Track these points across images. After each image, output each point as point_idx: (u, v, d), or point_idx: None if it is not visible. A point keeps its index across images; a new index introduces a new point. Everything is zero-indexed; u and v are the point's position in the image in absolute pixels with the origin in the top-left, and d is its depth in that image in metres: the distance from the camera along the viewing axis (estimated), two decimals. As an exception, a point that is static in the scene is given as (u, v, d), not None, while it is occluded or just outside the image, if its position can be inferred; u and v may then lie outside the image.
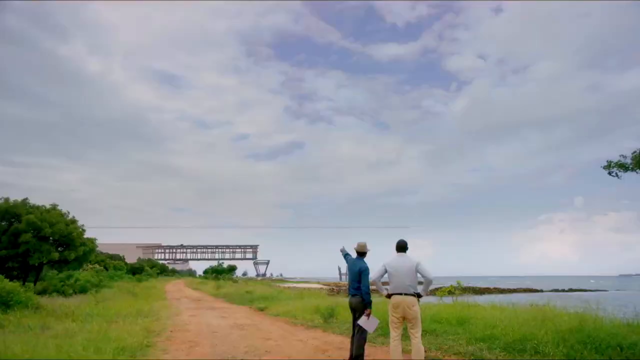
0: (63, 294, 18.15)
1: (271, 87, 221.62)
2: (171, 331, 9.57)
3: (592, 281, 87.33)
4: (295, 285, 51.08)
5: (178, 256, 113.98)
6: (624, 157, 6.64)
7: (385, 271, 5.40)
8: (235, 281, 48.22)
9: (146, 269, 62.42)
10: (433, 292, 17.59)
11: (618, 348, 5.41)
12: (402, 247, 5.48)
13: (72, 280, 21.33)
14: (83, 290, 19.94)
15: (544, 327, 6.48)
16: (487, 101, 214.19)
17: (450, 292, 13.93)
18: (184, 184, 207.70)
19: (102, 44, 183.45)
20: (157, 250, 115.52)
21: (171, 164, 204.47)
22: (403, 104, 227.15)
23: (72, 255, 20.65)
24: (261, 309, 15.46)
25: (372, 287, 5.80)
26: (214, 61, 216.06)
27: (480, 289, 49.40)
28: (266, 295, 20.16)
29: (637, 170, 6.49)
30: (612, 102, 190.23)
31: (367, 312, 5.53)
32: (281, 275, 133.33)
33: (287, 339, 8.44)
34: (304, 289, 36.00)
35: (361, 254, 5.94)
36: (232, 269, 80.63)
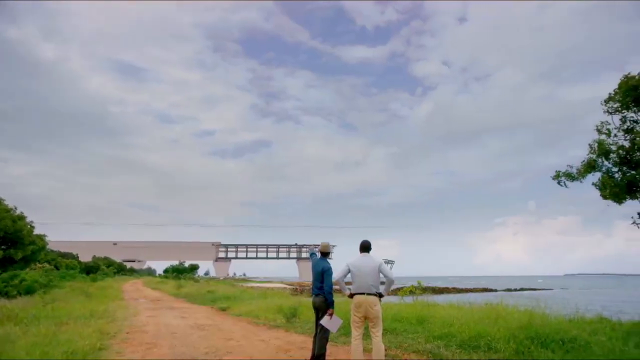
0: (6, 295, 16.93)
1: (238, 83, 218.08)
2: (127, 333, 9.19)
3: (539, 281, 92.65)
4: (258, 285, 50.58)
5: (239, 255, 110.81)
6: (571, 167, 7.14)
7: (349, 271, 5.47)
8: (197, 281, 47.08)
9: (102, 268, 59.58)
10: (395, 292, 18.03)
11: (560, 342, 5.78)
12: (365, 247, 5.56)
13: (16, 281, 19.89)
14: (30, 291, 18.63)
15: (497, 324, 6.80)
16: (450, 107, 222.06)
17: (411, 292, 14.32)
18: (147, 180, 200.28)
19: (58, 29, 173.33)
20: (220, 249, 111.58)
21: (133, 159, 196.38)
22: (370, 106, 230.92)
23: (19, 255, 19.32)
24: (223, 309, 15.19)
25: (335, 287, 5.86)
26: (180, 55, 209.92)
27: (439, 288, 51.16)
28: (228, 295, 19.83)
29: (582, 180, 6.98)
30: (564, 112, 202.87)
31: (329, 311, 5.58)
32: (244, 275, 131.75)
33: (249, 339, 8.35)
34: (268, 288, 35.74)
35: (325, 254, 5.98)
36: (193, 268, 78.53)
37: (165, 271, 74.45)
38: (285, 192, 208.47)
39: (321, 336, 5.73)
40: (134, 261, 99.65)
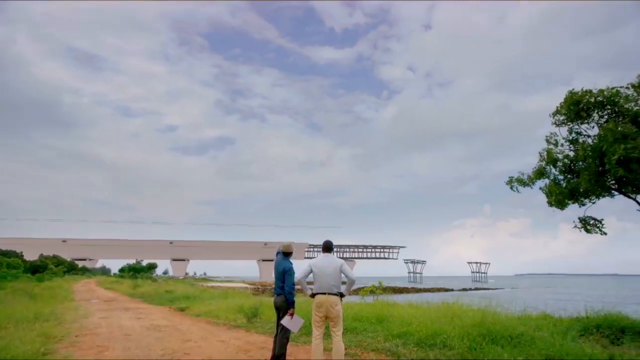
0: None
1: (203, 79, 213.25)
2: (77, 336, 8.71)
3: (491, 280, 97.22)
4: (219, 284, 49.53)
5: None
6: (522, 174, 7.58)
7: (311, 271, 5.50)
8: (154, 280, 45.44)
9: (50, 268, 55.98)
10: (356, 292, 18.26)
11: (509, 338, 6.12)
12: (328, 247, 5.61)
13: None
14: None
15: (452, 323, 7.07)
16: (414, 111, 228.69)
17: (372, 292, 14.59)
18: (102, 175, 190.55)
19: (1, 7, 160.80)
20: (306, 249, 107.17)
21: (88, 153, 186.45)
22: (336, 107, 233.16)
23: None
24: (182, 309, 14.76)
25: (297, 287, 5.86)
26: (142, 46, 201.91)
27: (399, 288, 52.45)
28: (188, 295, 19.30)
29: (532, 186, 7.44)
30: (518, 121, 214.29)
31: (290, 311, 5.57)
32: (205, 274, 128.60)
33: (208, 340, 8.17)
34: (229, 288, 35.12)
35: (287, 254, 5.97)
36: (151, 267, 75.67)
37: (121, 270, 71.24)
38: (249, 190, 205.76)
39: (282, 336, 5.71)
40: (85, 260, 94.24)
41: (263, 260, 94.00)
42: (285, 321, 5.57)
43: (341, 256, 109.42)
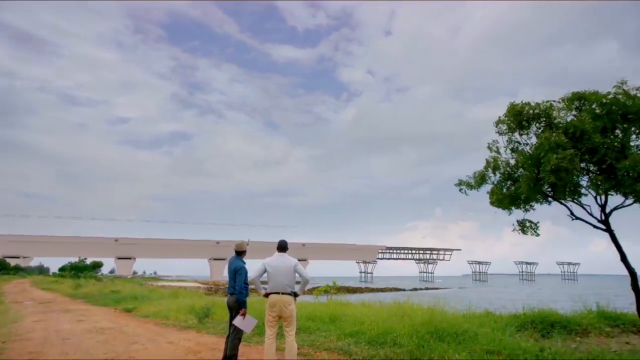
0: None
1: (159, 70, 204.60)
2: (4, 342, 7.96)
3: (439, 280, 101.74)
4: (170, 284, 47.70)
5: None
6: (470, 177, 8.01)
7: (265, 270, 5.46)
8: (99, 279, 42.91)
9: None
10: (310, 292, 18.37)
11: (455, 335, 6.43)
12: (282, 247, 5.60)
13: None
14: None
15: (403, 321, 7.31)
16: (372, 114, 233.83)
17: (326, 292, 14.74)
18: (42, 167, 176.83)
19: None
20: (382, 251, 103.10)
21: (26, 142, 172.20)
22: (295, 107, 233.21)
23: None
24: (128, 310, 14.07)
25: (251, 286, 5.80)
26: (92, 31, 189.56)
27: (353, 288, 53.33)
28: (135, 295, 18.42)
29: (478, 189, 7.90)
30: (469, 129, 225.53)
31: (241, 311, 5.50)
32: (155, 273, 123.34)
33: (156, 342, 7.85)
34: (180, 287, 33.96)
35: (239, 252, 5.89)
36: (96, 265, 71.38)
37: (62, 269, 66.61)
38: (203, 187, 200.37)
39: (233, 337, 5.63)
40: (19, 257, 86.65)
41: (214, 259, 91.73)
42: (237, 321, 5.49)
43: (397, 258, 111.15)
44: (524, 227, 7.56)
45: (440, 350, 5.89)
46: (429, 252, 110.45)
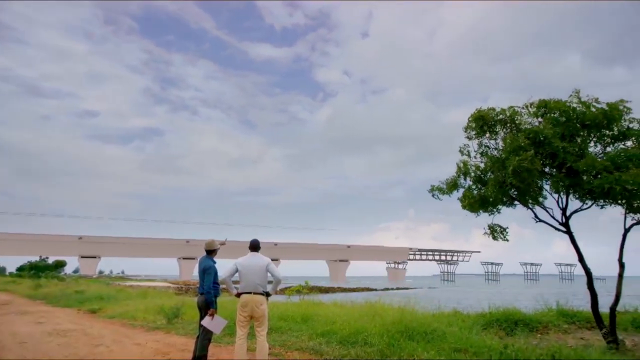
0: None
1: (131, 64, 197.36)
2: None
3: (409, 280, 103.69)
4: (138, 283, 46.31)
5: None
6: (442, 182, 8.22)
7: (236, 270, 5.40)
8: (62, 279, 41.10)
9: None
10: (282, 292, 18.31)
11: (424, 334, 6.59)
12: (254, 246, 5.55)
13: None
14: None
15: (374, 321, 7.41)
16: (348, 115, 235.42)
17: (298, 291, 14.74)
18: (1, 160, 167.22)
19: None
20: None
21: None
22: (271, 106, 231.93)
23: None
24: (93, 311, 13.56)
25: (222, 286, 5.72)
26: (59, 19, 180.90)
27: (325, 288, 53.50)
28: (101, 295, 17.76)
29: (450, 194, 8.11)
30: (442, 132, 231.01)
31: (210, 312, 5.42)
32: (122, 272, 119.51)
33: (122, 344, 7.61)
34: (149, 287, 33.02)
35: (209, 252, 5.81)
36: (59, 264, 68.24)
37: (20, 269, 63.33)
38: (176, 185, 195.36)
39: (203, 337, 5.54)
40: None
41: (184, 259, 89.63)
42: (206, 322, 5.41)
43: (421, 259, 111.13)
44: (494, 232, 7.81)
45: (409, 349, 6.02)
46: (452, 254, 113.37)
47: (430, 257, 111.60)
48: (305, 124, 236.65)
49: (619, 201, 6.54)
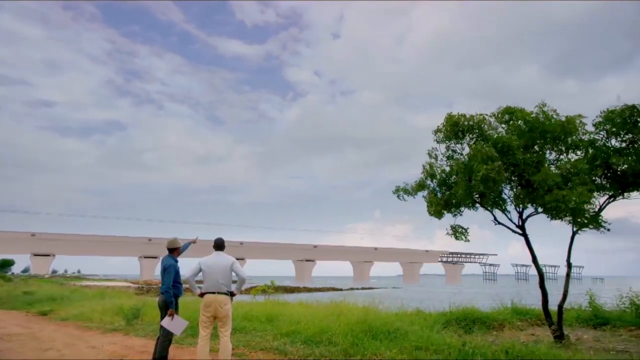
0: None
1: (92, 53, 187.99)
2: None
3: (373, 280, 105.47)
4: (95, 283, 44.20)
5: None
6: (407, 184, 8.46)
7: (200, 269, 5.29)
8: (8, 279, 38.48)
9: None
10: (247, 291, 18.11)
11: (387, 333, 6.72)
12: (219, 245, 5.46)
13: None
14: None
15: (339, 320, 7.47)
16: (317, 115, 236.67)
17: (264, 291, 14.63)
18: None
19: None
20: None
21: None
22: (240, 103, 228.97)
23: None
24: (44, 314, 12.80)
25: (185, 286, 5.59)
26: (13, 1, 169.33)
27: (291, 288, 53.40)
28: (54, 296, 16.81)
29: (415, 195, 8.35)
30: (409, 135, 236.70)
31: (169, 312, 5.27)
32: (78, 272, 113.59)
33: (75, 347, 7.24)
34: (107, 287, 31.63)
35: (171, 250, 5.66)
36: (7, 263, 63.91)
37: (-38, 267, 58.71)
38: (139, 181, 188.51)
39: (163, 338, 5.38)
40: None
41: (145, 257, 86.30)
42: (165, 322, 5.26)
43: (456, 261, 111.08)
44: (457, 232, 8.11)
45: (373, 348, 6.12)
46: (477, 256, 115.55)
47: (463, 259, 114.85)
48: (274, 123, 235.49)
49: (566, 215, 7.01)
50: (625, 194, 7.34)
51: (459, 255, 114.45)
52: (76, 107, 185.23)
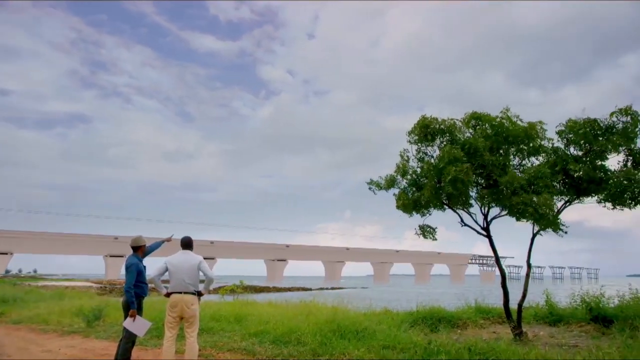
0: None
1: (55, 41, 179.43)
2: None
3: (342, 280, 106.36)
4: (53, 283, 42.06)
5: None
6: (381, 178, 8.61)
7: (166, 269, 5.16)
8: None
9: None
10: (216, 291, 17.80)
11: (355, 332, 6.80)
12: (186, 244, 5.34)
13: None
14: None
15: (308, 320, 7.48)
16: (290, 114, 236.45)
17: (232, 291, 14.44)
18: None
19: None
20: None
21: None
22: (212, 100, 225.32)
23: None
24: (-6, 316, 12.03)
25: (151, 285, 5.43)
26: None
27: (260, 287, 52.97)
28: (5, 297, 15.81)
29: (387, 190, 8.52)
30: (381, 136, 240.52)
31: (130, 312, 5.11)
32: (34, 271, 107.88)
33: (29, 352, 6.85)
34: (67, 287, 30.19)
35: (135, 248, 5.48)
36: (-47, 262, 59.69)
37: None
38: (104, 177, 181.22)
39: (125, 340, 5.19)
40: None
41: (111, 256, 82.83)
42: (127, 323, 5.09)
43: (482, 263, 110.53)
44: (425, 231, 8.33)
45: (341, 347, 6.16)
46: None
47: (488, 261, 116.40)
48: (245, 120, 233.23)
49: (530, 218, 7.35)
50: (581, 199, 7.79)
51: (486, 258, 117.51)
52: (35, 98, 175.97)
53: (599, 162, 7.35)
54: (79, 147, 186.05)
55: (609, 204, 7.53)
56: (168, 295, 5.15)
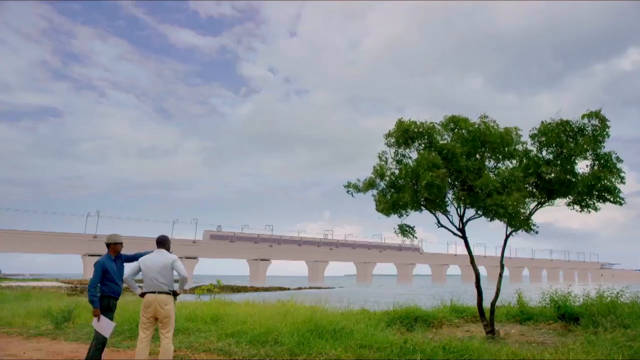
0: None
1: (24, 30, 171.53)
2: None
3: (320, 281, 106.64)
4: (19, 283, 40.34)
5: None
6: (359, 180, 8.68)
7: (140, 268, 5.03)
8: None
9: None
10: (192, 291, 17.52)
11: (333, 332, 6.82)
12: (161, 242, 5.22)
13: None
14: None
15: (285, 320, 7.45)
16: (270, 112, 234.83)
17: (209, 290, 14.23)
18: None
19: None
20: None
21: None
22: (190, 96, 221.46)
23: None
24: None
25: (124, 285, 5.28)
26: None
27: (237, 287, 52.42)
28: (-33, 299, 15.09)
29: (365, 192, 8.59)
30: (360, 137, 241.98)
31: (93, 312, 4.96)
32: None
33: (-9, 355, 6.55)
34: (33, 287, 28.99)
35: (107, 245, 5.32)
36: None
37: None
38: (76, 173, 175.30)
39: (95, 342, 5.03)
40: None
41: (90, 255, 79.93)
42: (94, 324, 4.95)
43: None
44: (404, 231, 8.46)
45: (318, 346, 6.17)
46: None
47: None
48: (225, 118, 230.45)
49: (503, 218, 7.59)
50: (551, 201, 8.08)
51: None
52: (2, 89, 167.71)
53: (569, 166, 7.64)
54: (49, 141, 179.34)
55: (577, 207, 7.86)
56: (142, 295, 5.02)
